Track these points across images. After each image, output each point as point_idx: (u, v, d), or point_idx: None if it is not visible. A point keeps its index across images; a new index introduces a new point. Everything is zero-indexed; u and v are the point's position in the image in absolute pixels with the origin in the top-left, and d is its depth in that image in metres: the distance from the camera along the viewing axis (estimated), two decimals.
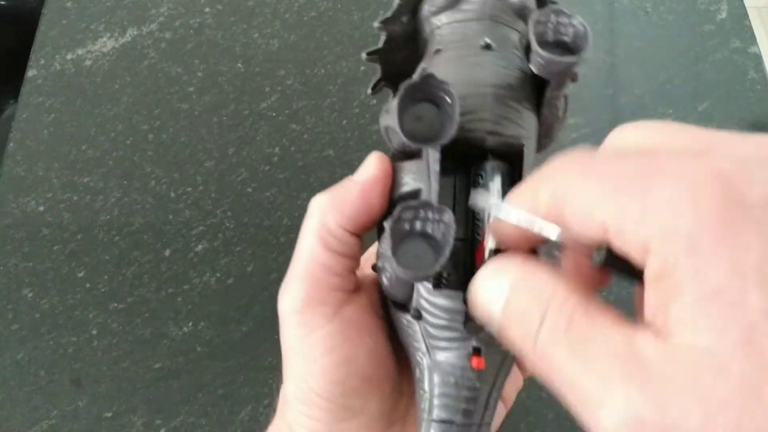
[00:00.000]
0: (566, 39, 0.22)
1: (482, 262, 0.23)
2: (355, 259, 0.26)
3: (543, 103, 0.25)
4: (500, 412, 0.28)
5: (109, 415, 0.49)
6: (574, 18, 0.22)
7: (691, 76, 0.63)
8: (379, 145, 0.26)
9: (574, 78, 0.24)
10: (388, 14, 0.27)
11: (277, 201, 0.56)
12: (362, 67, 0.62)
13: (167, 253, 0.54)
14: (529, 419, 0.48)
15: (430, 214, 0.21)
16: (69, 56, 0.63)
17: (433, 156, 0.23)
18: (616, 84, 0.63)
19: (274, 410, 0.28)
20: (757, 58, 0.64)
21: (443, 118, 0.23)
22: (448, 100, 0.22)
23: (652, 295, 0.15)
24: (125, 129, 0.59)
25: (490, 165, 0.24)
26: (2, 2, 0.86)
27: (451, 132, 0.22)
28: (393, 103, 0.23)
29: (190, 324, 0.51)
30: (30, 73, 0.62)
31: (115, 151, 0.58)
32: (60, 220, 0.55)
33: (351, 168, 0.25)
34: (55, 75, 0.62)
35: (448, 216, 0.21)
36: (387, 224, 0.22)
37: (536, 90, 0.25)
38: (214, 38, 0.64)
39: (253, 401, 0.49)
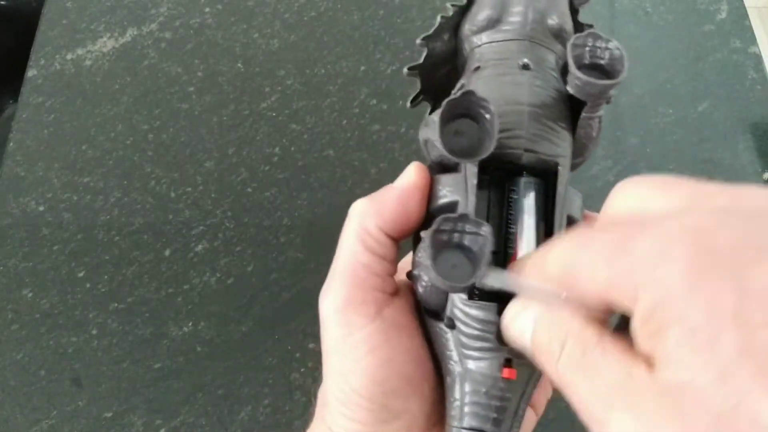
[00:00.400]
0: (602, 62, 0.23)
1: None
2: (393, 263, 0.26)
3: (578, 124, 0.26)
4: (531, 420, 0.28)
5: (109, 415, 0.49)
6: (611, 42, 0.23)
7: (691, 76, 0.63)
8: (378, 144, 0.26)
9: (608, 100, 0.25)
10: (430, 32, 0.28)
11: (277, 201, 0.56)
12: (362, 67, 0.62)
13: (167, 253, 0.54)
14: None
15: (467, 227, 0.22)
16: (69, 56, 0.63)
17: (470, 170, 0.24)
18: None
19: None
20: (757, 58, 0.64)
21: (482, 134, 0.23)
22: (488, 116, 0.23)
23: (639, 335, 0.17)
24: (125, 129, 0.59)
25: (524, 181, 0.25)
26: (2, 2, 0.86)
27: (489, 148, 0.23)
28: (434, 117, 0.24)
29: (190, 324, 0.51)
30: (30, 73, 0.62)
31: (115, 151, 0.58)
32: (60, 220, 0.55)
33: (351, 168, 0.25)
34: (55, 75, 0.62)
35: (486, 229, 0.22)
36: (425, 234, 0.22)
37: (571, 110, 0.26)
38: (214, 38, 0.64)
39: (253, 401, 0.49)
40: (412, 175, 0.26)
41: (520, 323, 0.21)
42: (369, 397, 0.24)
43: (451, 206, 0.25)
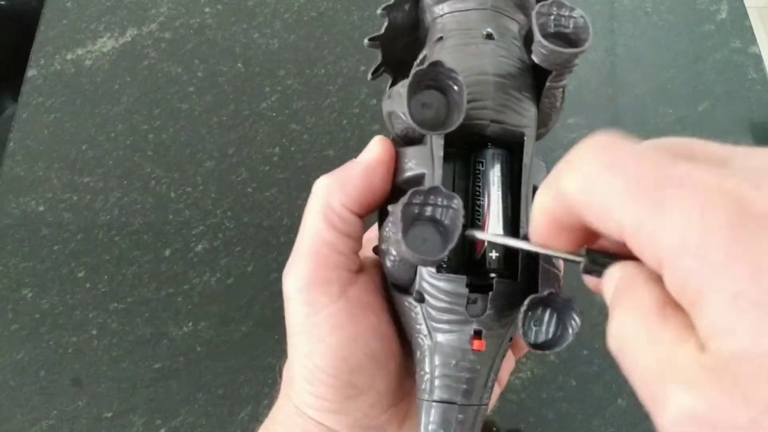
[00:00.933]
0: (567, 31, 0.23)
1: (482, 249, 0.24)
2: (358, 240, 0.26)
3: (543, 93, 0.25)
4: (494, 392, 0.28)
5: (109, 415, 0.49)
6: (575, 11, 0.23)
7: (691, 76, 0.63)
8: None
9: (572, 70, 0.25)
10: (391, 1, 0.28)
11: (277, 201, 0.56)
12: (362, 67, 0.62)
13: (167, 253, 0.54)
14: (529, 419, 0.48)
15: (439, 200, 0.22)
16: (69, 56, 0.63)
17: (437, 142, 0.23)
18: (616, 84, 0.63)
19: (272, 403, 0.28)
20: (757, 58, 0.64)
21: (449, 106, 0.23)
22: (456, 88, 0.23)
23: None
24: (125, 129, 0.59)
25: (490, 152, 0.25)
26: (2, 2, 0.86)
27: (457, 120, 0.23)
28: (399, 89, 0.23)
29: (190, 324, 0.51)
30: (30, 73, 0.62)
31: (115, 151, 0.58)
32: (60, 220, 0.55)
33: None
34: (55, 75, 0.62)
35: (457, 202, 0.21)
36: (393, 208, 0.22)
37: (535, 80, 0.26)
38: (214, 38, 0.64)
39: (253, 401, 0.49)
40: (376, 149, 0.25)
41: (606, 283, 0.19)
42: (334, 374, 0.24)
43: (417, 179, 0.24)
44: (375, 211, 0.26)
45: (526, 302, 0.22)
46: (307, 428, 0.26)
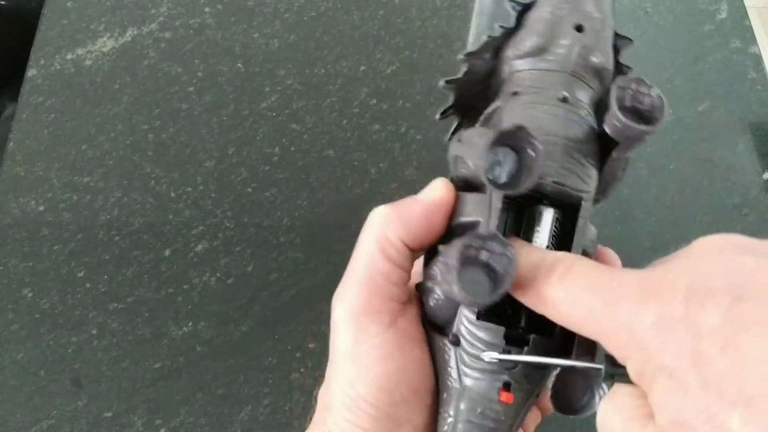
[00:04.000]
0: (642, 108, 0.23)
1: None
2: (409, 273, 0.26)
3: (607, 162, 0.26)
4: None
5: (109, 415, 0.49)
6: (653, 89, 0.23)
7: (691, 76, 0.63)
8: (378, 144, 0.26)
9: (639, 144, 0.26)
10: (474, 49, 0.29)
11: (277, 201, 0.56)
12: (362, 67, 0.62)
13: (167, 253, 0.54)
14: None
15: (496, 247, 0.22)
16: (69, 56, 0.63)
17: (496, 195, 0.24)
18: None
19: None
20: (757, 58, 0.64)
21: (521, 167, 0.24)
22: (532, 154, 0.23)
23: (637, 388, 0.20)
24: (125, 129, 0.59)
25: (544, 210, 0.25)
26: (2, 2, 0.86)
27: (528, 185, 0.23)
28: (474, 139, 0.24)
29: (190, 324, 0.51)
30: (30, 73, 0.62)
31: (115, 151, 0.58)
32: (60, 220, 0.55)
33: (351, 168, 0.25)
34: (55, 75, 0.62)
35: (512, 251, 0.22)
36: (443, 248, 0.23)
37: (601, 148, 0.26)
38: (214, 38, 0.64)
39: (253, 401, 0.49)
40: (439, 191, 0.26)
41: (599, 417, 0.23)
42: (376, 404, 0.24)
43: (472, 225, 0.25)
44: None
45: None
46: None
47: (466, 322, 0.24)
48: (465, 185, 0.26)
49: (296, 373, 0.50)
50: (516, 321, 0.25)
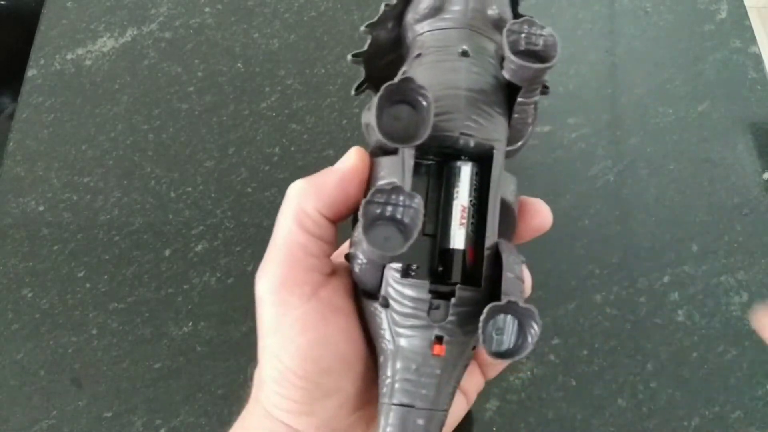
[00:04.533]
0: (537, 48, 0.24)
1: (474, 259, 0.25)
2: (330, 245, 0.26)
3: (514, 109, 0.26)
4: (461, 407, 0.29)
5: (109, 415, 0.49)
6: (545, 29, 0.24)
7: (691, 76, 0.63)
8: None
9: (544, 90, 0.26)
10: (374, 19, 0.29)
11: (277, 201, 0.56)
12: (362, 68, 0.62)
13: (167, 253, 0.54)
14: (529, 419, 0.48)
15: (401, 199, 0.22)
16: (69, 56, 0.63)
17: (407, 153, 0.24)
18: (616, 84, 0.63)
19: (247, 396, 0.29)
20: (757, 58, 0.64)
21: (419, 120, 0.24)
22: (424, 103, 0.24)
23: None
24: (125, 129, 0.59)
25: (460, 165, 0.26)
26: (2, 2, 0.86)
27: (424, 134, 0.23)
28: (373, 102, 0.24)
29: (190, 324, 0.51)
30: (30, 73, 0.62)
31: (115, 151, 0.58)
32: (60, 220, 0.55)
33: None
34: (55, 75, 0.62)
35: (418, 201, 0.22)
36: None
37: (508, 98, 0.26)
38: (214, 38, 0.64)
39: None
40: (353, 158, 0.26)
41: None
42: (303, 375, 0.24)
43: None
44: (349, 220, 0.27)
45: (485, 310, 0.22)
46: (275, 430, 0.26)
47: (392, 282, 0.24)
48: (381, 152, 0.27)
49: None
50: (447, 277, 0.25)
